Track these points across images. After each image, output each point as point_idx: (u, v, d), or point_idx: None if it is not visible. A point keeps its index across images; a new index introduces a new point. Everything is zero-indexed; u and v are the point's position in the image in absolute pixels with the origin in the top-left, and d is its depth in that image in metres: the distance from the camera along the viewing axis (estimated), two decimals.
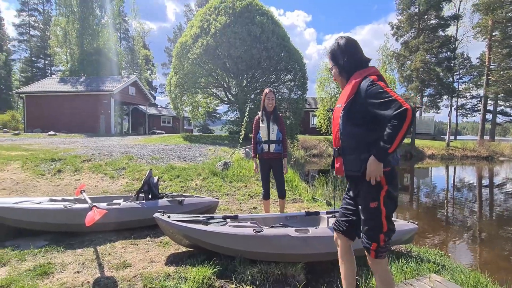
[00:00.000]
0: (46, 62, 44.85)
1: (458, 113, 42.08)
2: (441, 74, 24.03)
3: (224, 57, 14.05)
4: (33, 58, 44.70)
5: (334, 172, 1.79)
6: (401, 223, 3.10)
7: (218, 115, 41.38)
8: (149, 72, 44.53)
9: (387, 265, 1.71)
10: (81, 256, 2.65)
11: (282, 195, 3.58)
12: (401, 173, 14.14)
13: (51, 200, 3.47)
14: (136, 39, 39.83)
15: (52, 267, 2.40)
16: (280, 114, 3.60)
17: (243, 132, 8.41)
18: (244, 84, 15.93)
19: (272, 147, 3.43)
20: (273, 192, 4.11)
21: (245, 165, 6.71)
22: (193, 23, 15.30)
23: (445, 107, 39.48)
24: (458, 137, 41.71)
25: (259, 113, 3.52)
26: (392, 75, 22.43)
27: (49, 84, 22.31)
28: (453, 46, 24.49)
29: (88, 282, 2.21)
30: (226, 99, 17.85)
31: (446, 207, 7.56)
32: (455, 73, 33.01)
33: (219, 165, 6.55)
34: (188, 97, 16.98)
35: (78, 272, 2.37)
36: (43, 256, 2.61)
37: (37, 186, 5.20)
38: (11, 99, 41.72)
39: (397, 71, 25.74)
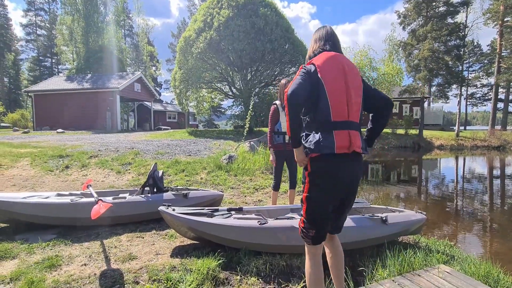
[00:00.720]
0: (53, 60, 45.46)
1: (467, 103, 41.14)
2: (450, 62, 23.27)
3: (227, 50, 13.94)
4: (41, 57, 45.33)
5: None
6: (409, 214, 3.04)
7: (223, 110, 41.39)
8: (153, 68, 44.67)
9: (311, 254, 1.69)
10: (88, 249, 2.69)
11: (295, 185, 3.64)
12: (408, 165, 13.94)
13: (59, 195, 3.51)
14: (141, 36, 39.88)
15: (60, 259, 2.44)
16: None
17: (247, 125, 8.37)
18: (248, 78, 15.82)
19: None
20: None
21: (250, 159, 6.69)
22: (196, 17, 15.19)
23: (454, 96, 38.48)
24: (467, 127, 40.79)
25: (277, 102, 3.42)
26: (399, 65, 21.91)
27: (57, 83, 22.60)
28: (463, 33, 23.74)
29: (95, 274, 2.24)
30: (230, 93, 17.78)
31: (455, 198, 7.42)
32: (465, 62, 32.08)
33: (224, 159, 6.55)
34: (193, 92, 16.97)
35: (85, 264, 2.40)
36: (51, 249, 2.66)
37: (45, 182, 5.29)
38: (21, 98, 42.59)
39: (405, 61, 25.01)
